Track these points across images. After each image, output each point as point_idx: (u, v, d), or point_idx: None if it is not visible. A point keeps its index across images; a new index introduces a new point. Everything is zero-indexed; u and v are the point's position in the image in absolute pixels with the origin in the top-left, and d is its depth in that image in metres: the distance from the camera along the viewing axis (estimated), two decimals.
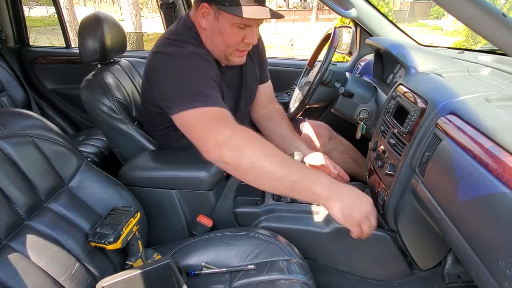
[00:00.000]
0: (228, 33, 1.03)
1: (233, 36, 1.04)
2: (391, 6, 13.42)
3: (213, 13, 1.01)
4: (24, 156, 0.82)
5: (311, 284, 0.90)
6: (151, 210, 1.10)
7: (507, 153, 0.60)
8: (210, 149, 0.87)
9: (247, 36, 1.05)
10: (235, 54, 1.10)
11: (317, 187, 0.81)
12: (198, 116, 0.93)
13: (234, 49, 1.08)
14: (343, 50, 1.97)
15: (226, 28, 1.02)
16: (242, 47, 1.08)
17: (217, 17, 1.01)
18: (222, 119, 0.93)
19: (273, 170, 0.82)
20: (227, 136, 0.86)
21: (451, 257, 1.01)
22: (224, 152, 0.85)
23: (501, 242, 0.57)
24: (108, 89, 1.22)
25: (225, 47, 1.07)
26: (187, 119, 0.94)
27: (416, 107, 0.92)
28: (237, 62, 1.13)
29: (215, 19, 1.02)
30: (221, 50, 1.08)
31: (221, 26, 1.02)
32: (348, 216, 0.81)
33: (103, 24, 1.26)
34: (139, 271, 0.82)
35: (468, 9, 0.41)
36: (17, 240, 0.76)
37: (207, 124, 0.91)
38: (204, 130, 0.91)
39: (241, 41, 1.05)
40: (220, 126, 0.90)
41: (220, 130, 0.88)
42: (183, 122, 0.96)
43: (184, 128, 0.97)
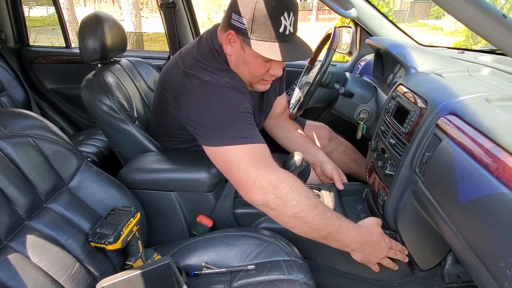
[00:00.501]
0: (253, 65, 1.00)
1: (259, 68, 1.01)
2: (391, 6, 13.42)
3: (240, 42, 0.98)
4: (24, 156, 0.82)
5: (311, 284, 0.90)
6: (151, 212, 1.10)
7: (507, 154, 0.60)
8: (254, 193, 0.90)
9: (273, 67, 1.02)
10: (260, 83, 1.08)
11: (347, 241, 0.93)
12: (238, 155, 0.92)
13: (259, 79, 1.06)
14: (343, 50, 1.97)
15: (251, 59, 0.99)
16: (267, 78, 1.06)
17: (243, 47, 0.98)
18: (265, 160, 0.93)
19: (313, 221, 0.89)
20: (273, 183, 0.89)
21: (451, 257, 1.01)
22: (270, 198, 0.89)
23: (501, 242, 0.57)
24: (109, 89, 1.21)
25: (250, 77, 1.05)
26: (225, 156, 0.94)
27: (416, 107, 0.92)
28: (261, 90, 1.12)
29: (241, 48, 0.99)
30: (246, 78, 1.06)
31: (246, 56, 0.99)
32: (366, 261, 0.98)
33: (104, 24, 1.25)
34: (139, 271, 0.82)
35: (468, 10, 0.41)
36: (17, 240, 0.76)
37: (251, 166, 0.90)
38: (248, 174, 0.90)
39: (266, 72, 1.03)
40: (265, 170, 0.90)
41: (266, 176, 0.89)
42: (219, 157, 0.96)
43: (220, 163, 0.97)
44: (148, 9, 18.67)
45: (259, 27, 0.92)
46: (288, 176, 0.92)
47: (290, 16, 0.92)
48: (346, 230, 0.93)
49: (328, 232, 0.91)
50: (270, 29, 0.92)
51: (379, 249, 0.97)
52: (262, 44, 0.93)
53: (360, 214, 1.18)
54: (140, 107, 1.36)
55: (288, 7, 0.92)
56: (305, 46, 1.01)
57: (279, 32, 0.92)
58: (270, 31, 0.92)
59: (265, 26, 0.91)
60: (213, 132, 0.95)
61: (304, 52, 0.98)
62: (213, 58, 1.04)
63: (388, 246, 0.99)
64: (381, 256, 0.98)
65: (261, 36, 0.93)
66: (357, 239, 0.94)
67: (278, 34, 0.93)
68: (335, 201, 1.16)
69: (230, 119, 0.95)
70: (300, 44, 0.99)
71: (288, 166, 1.07)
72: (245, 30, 0.93)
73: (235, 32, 0.96)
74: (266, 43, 0.93)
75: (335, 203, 1.15)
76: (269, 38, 0.93)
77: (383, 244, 0.98)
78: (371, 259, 0.98)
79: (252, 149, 0.93)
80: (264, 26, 0.91)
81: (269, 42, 0.93)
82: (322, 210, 0.91)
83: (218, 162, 0.98)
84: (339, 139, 1.55)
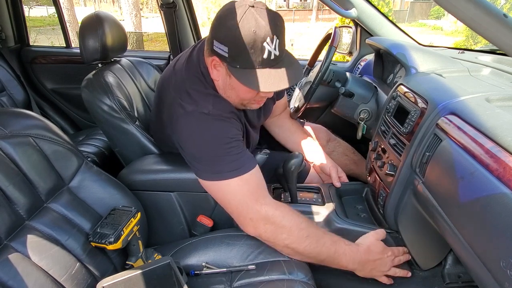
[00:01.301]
0: (241, 90, 0.94)
1: (247, 93, 0.95)
2: (391, 6, 13.43)
3: (225, 69, 0.91)
4: (24, 156, 0.82)
5: (311, 284, 0.90)
6: (152, 213, 1.10)
7: (507, 153, 0.60)
8: (247, 226, 0.95)
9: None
10: (252, 103, 1.02)
11: (344, 263, 0.95)
12: (228, 189, 0.94)
13: (249, 101, 1.00)
14: (343, 50, 1.97)
15: (238, 85, 0.91)
16: (258, 99, 1.00)
17: (228, 74, 0.91)
18: (256, 190, 0.94)
19: (305, 251, 0.93)
20: (264, 217, 0.92)
21: (451, 257, 1.01)
22: (261, 232, 0.94)
23: (502, 242, 0.57)
24: (109, 88, 1.21)
25: (240, 100, 0.99)
26: (216, 189, 0.97)
27: (417, 107, 0.92)
28: (255, 108, 1.06)
29: (227, 75, 0.92)
30: (236, 101, 1.00)
31: (233, 82, 0.93)
32: (370, 276, 0.99)
33: (104, 24, 1.25)
34: (140, 271, 0.82)
35: (469, 10, 0.41)
36: (17, 240, 0.76)
37: (242, 201, 0.93)
38: (240, 208, 0.94)
39: (256, 95, 0.97)
40: (256, 203, 0.93)
41: (256, 210, 0.92)
42: (210, 190, 0.99)
43: (212, 194, 1.00)
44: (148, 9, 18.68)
45: (241, 55, 0.85)
46: (279, 208, 0.94)
47: (274, 41, 0.85)
48: (342, 254, 0.94)
49: (322, 258, 0.94)
50: (254, 57, 0.85)
51: (381, 265, 0.98)
52: (246, 73, 0.87)
53: (360, 214, 1.18)
54: (140, 106, 1.36)
55: (271, 32, 0.84)
56: (294, 66, 0.93)
57: (264, 58, 0.86)
58: (254, 59, 0.86)
59: (248, 54, 0.85)
60: (202, 166, 0.96)
61: (292, 76, 0.90)
62: (198, 82, 1.00)
63: (391, 259, 0.99)
64: (385, 269, 0.99)
65: (245, 64, 0.87)
66: (355, 260, 0.95)
67: (263, 60, 0.86)
68: (335, 201, 1.16)
69: (217, 153, 0.93)
70: (289, 65, 0.91)
71: (288, 166, 1.07)
72: (228, 58, 0.87)
73: (219, 58, 0.90)
74: (251, 70, 0.87)
75: (335, 202, 1.15)
76: (253, 66, 0.87)
77: (384, 259, 0.98)
78: (375, 274, 0.99)
79: (242, 180, 0.93)
80: (247, 54, 0.85)
81: (255, 69, 0.87)
82: (314, 239, 0.92)
83: (210, 193, 1.01)
84: (338, 140, 1.55)
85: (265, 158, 1.10)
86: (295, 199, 1.14)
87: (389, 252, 0.99)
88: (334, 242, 0.95)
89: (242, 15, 0.84)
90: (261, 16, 0.84)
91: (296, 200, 1.15)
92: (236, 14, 0.84)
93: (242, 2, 0.86)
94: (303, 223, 0.94)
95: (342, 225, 1.06)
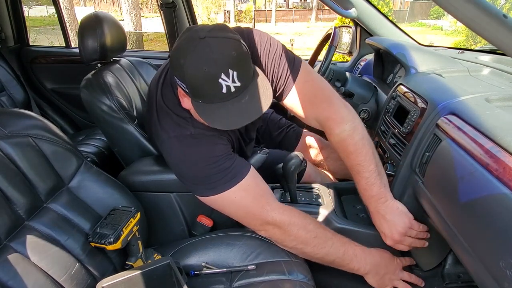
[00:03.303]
0: None
1: None
2: (391, 6, 13.42)
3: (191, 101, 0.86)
4: (24, 157, 0.82)
5: (311, 284, 0.90)
6: (151, 213, 1.10)
7: (507, 154, 0.60)
8: (257, 230, 0.98)
9: None
10: None
11: (355, 265, 0.95)
12: (226, 201, 0.93)
13: None
14: (343, 50, 1.97)
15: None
16: None
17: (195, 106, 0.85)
18: (259, 198, 0.93)
19: (313, 251, 0.94)
20: (271, 222, 0.93)
21: (451, 257, 1.01)
22: (271, 234, 0.96)
23: (501, 242, 0.57)
24: (108, 89, 1.21)
25: None
26: (215, 204, 0.96)
27: (416, 107, 0.92)
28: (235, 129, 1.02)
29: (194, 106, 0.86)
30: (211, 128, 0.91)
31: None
32: (382, 284, 0.98)
33: (103, 24, 1.25)
34: (139, 271, 0.82)
35: (469, 10, 0.41)
36: (17, 240, 0.76)
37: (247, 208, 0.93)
38: (246, 216, 0.95)
39: None
40: (261, 210, 0.93)
41: (262, 216, 0.93)
42: (214, 206, 0.98)
43: (219, 210, 0.98)
44: (148, 9, 18.68)
45: (200, 92, 0.81)
46: (285, 213, 0.94)
47: (231, 74, 0.77)
48: (353, 255, 0.94)
49: (332, 260, 0.94)
50: (213, 93, 0.79)
51: (391, 269, 0.98)
52: (208, 108, 0.82)
53: (359, 214, 1.18)
54: (139, 106, 1.36)
55: (224, 67, 0.77)
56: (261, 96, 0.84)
57: (223, 93, 0.79)
58: (213, 94, 0.80)
59: (206, 91, 0.80)
60: (195, 185, 0.95)
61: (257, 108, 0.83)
62: (175, 105, 0.96)
63: (400, 266, 1.00)
64: (395, 277, 0.98)
65: (206, 100, 0.82)
66: (367, 261, 0.95)
67: (222, 95, 0.80)
68: (335, 200, 1.16)
69: (207, 173, 0.91)
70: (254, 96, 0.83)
71: (288, 166, 1.07)
72: (189, 94, 0.83)
73: (183, 91, 0.86)
74: (213, 105, 0.82)
75: (334, 202, 1.15)
76: (213, 101, 0.81)
77: (395, 264, 0.99)
78: (386, 281, 0.98)
79: (240, 188, 0.91)
80: (205, 91, 0.80)
81: (216, 103, 0.81)
82: (322, 239, 0.93)
83: (214, 207, 0.99)
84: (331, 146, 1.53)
85: (264, 158, 1.10)
86: (295, 199, 1.14)
87: (398, 261, 1.01)
88: (343, 243, 0.95)
89: (192, 51, 0.77)
90: (212, 50, 0.76)
91: (296, 200, 1.15)
92: (187, 51, 0.78)
93: (195, 34, 0.79)
94: (310, 224, 0.94)
95: (341, 225, 1.06)
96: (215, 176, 0.90)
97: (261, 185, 0.96)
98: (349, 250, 0.94)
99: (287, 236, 0.93)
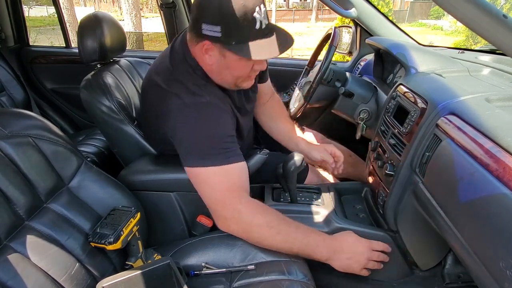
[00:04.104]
0: (237, 67, 0.96)
1: (243, 69, 0.97)
2: (391, 6, 13.42)
3: (218, 50, 0.92)
4: (24, 157, 0.82)
5: (311, 284, 0.90)
6: (151, 213, 1.10)
7: (507, 154, 0.60)
8: (219, 221, 0.99)
9: (257, 63, 0.98)
10: (245, 81, 1.04)
11: (318, 254, 0.95)
12: (209, 178, 0.95)
13: (244, 78, 1.02)
14: (343, 50, 1.97)
15: (234, 63, 0.94)
16: (251, 74, 1.03)
17: (223, 54, 0.93)
18: (234, 185, 0.96)
19: (277, 246, 0.95)
20: (236, 216, 0.94)
21: (451, 257, 1.01)
22: (233, 229, 0.97)
23: (501, 242, 0.57)
24: (108, 89, 1.21)
25: (235, 79, 1.01)
26: (199, 178, 0.97)
27: (416, 107, 0.92)
28: (247, 87, 1.07)
29: (221, 56, 0.93)
30: (230, 82, 1.02)
31: (228, 62, 0.94)
32: (349, 269, 0.96)
33: (103, 24, 1.25)
34: (139, 271, 0.82)
35: (468, 10, 0.41)
36: (17, 240, 0.76)
37: (218, 194, 0.95)
38: (215, 202, 0.97)
39: (250, 70, 1.00)
40: (232, 199, 0.94)
41: (230, 207, 0.94)
42: (195, 179, 0.99)
43: (196, 185, 0.99)
44: (148, 9, 18.69)
45: (235, 30, 0.87)
46: (252, 206, 0.95)
47: (262, 9, 0.87)
48: (315, 245, 0.95)
49: (295, 252, 0.95)
50: (247, 30, 0.87)
51: (358, 252, 0.96)
52: (241, 47, 0.89)
53: (359, 214, 1.18)
54: (139, 107, 1.36)
55: (258, 1, 0.86)
56: (283, 33, 0.95)
57: (256, 29, 0.87)
58: (248, 32, 0.87)
59: (242, 28, 0.86)
60: (191, 153, 0.97)
61: (286, 41, 0.94)
62: (190, 76, 1.00)
63: (368, 248, 0.98)
64: (363, 259, 0.96)
65: (240, 39, 0.88)
66: (330, 248, 0.95)
67: (256, 31, 0.88)
68: (335, 200, 1.16)
69: (211, 141, 0.95)
70: (279, 33, 0.94)
71: (288, 166, 1.07)
72: (221, 37, 0.88)
73: (211, 41, 0.90)
74: (248, 44, 0.88)
75: (334, 202, 1.15)
76: (249, 39, 0.88)
77: (360, 247, 0.97)
78: (353, 265, 0.96)
79: (223, 171, 0.94)
80: (241, 28, 0.86)
81: (250, 42, 0.88)
82: (285, 235, 0.94)
83: (193, 182, 1.00)
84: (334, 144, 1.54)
85: (264, 158, 1.10)
86: (295, 199, 1.14)
87: (364, 241, 0.98)
88: (307, 235, 0.95)
89: None
90: None
91: (296, 200, 1.15)
92: None
93: None
94: (273, 221, 0.95)
95: (341, 225, 1.06)
96: (214, 149, 0.95)
97: (243, 180, 0.99)
98: (311, 241, 0.95)
99: (250, 232, 0.95)
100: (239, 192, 0.96)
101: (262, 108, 1.40)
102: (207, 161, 0.94)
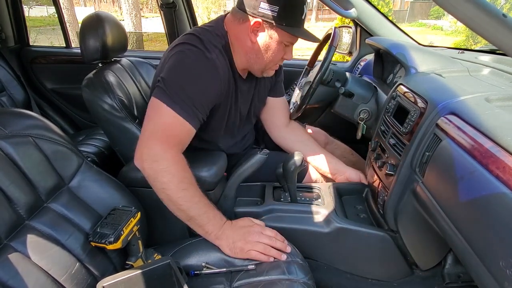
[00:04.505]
0: (275, 50, 1.06)
1: (279, 52, 1.07)
2: (391, 6, 13.42)
3: (267, 30, 1.02)
4: (24, 156, 0.82)
5: (311, 284, 0.90)
6: (152, 212, 1.10)
7: (507, 153, 0.60)
8: (137, 154, 0.98)
9: (287, 53, 1.10)
10: (272, 68, 1.14)
11: (209, 227, 0.96)
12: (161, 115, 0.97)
13: (274, 64, 1.11)
14: (343, 50, 1.97)
15: (274, 45, 1.05)
16: (279, 62, 1.13)
17: (270, 35, 1.03)
18: (174, 138, 0.98)
19: (177, 201, 0.95)
20: (154, 157, 0.95)
21: (451, 257, 1.01)
22: (145, 167, 0.96)
23: (501, 242, 0.57)
24: (110, 87, 1.22)
25: (268, 62, 1.09)
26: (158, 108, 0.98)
27: (416, 107, 0.92)
28: (270, 75, 1.18)
29: (268, 36, 1.03)
30: (262, 64, 1.10)
31: (271, 43, 1.04)
32: (236, 249, 0.95)
33: (105, 24, 1.26)
34: (140, 271, 0.82)
35: (468, 10, 0.41)
36: (17, 240, 0.76)
37: (163, 131, 0.97)
38: (147, 137, 0.97)
39: (281, 57, 1.10)
40: (162, 144, 0.95)
41: (156, 148, 0.95)
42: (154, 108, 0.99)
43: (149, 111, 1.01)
44: (148, 9, 18.68)
45: (290, 14, 0.99)
46: (174, 159, 0.96)
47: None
48: (212, 217, 0.97)
49: (191, 215, 0.96)
50: (297, 16, 1.00)
51: (249, 232, 0.96)
52: (292, 30, 1.01)
53: (359, 214, 1.18)
54: (140, 106, 1.36)
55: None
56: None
57: (301, 17, 1.01)
58: (298, 17, 1.01)
59: (295, 13, 0.99)
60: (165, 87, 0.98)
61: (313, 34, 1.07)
62: (210, 35, 1.06)
63: (257, 231, 0.97)
64: (251, 240, 0.95)
65: (291, 22, 1.00)
66: (220, 227, 0.97)
67: (301, 20, 1.02)
68: (335, 200, 1.16)
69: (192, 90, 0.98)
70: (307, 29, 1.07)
71: (288, 166, 1.07)
72: (277, 17, 0.98)
73: (265, 19, 1.00)
74: (294, 29, 1.01)
75: (335, 202, 1.15)
76: (296, 24, 1.01)
77: (248, 230, 0.97)
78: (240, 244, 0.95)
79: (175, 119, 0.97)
80: (294, 13, 0.99)
81: (296, 28, 1.01)
82: (190, 194, 0.95)
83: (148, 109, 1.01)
84: (336, 143, 1.55)
85: (264, 158, 1.10)
86: (295, 198, 1.15)
87: (255, 225, 0.99)
88: (208, 206, 0.97)
89: None
90: None
91: (296, 200, 1.15)
92: None
93: None
94: (187, 178, 0.96)
95: (341, 225, 1.06)
96: (188, 100, 0.98)
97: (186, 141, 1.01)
98: (209, 213, 0.96)
99: (160, 176, 0.94)
100: (176, 144, 0.98)
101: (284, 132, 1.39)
102: (176, 105, 0.97)
